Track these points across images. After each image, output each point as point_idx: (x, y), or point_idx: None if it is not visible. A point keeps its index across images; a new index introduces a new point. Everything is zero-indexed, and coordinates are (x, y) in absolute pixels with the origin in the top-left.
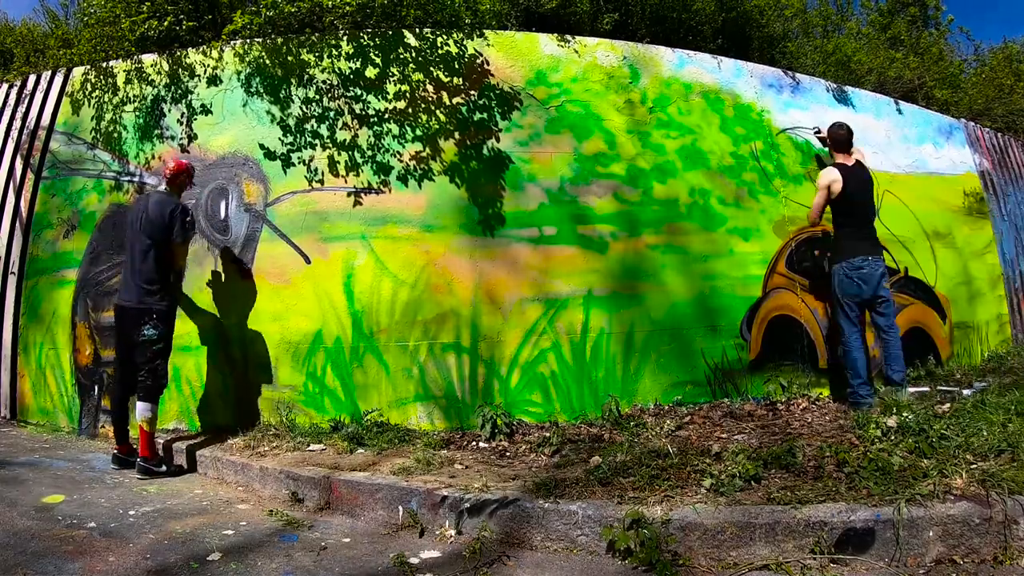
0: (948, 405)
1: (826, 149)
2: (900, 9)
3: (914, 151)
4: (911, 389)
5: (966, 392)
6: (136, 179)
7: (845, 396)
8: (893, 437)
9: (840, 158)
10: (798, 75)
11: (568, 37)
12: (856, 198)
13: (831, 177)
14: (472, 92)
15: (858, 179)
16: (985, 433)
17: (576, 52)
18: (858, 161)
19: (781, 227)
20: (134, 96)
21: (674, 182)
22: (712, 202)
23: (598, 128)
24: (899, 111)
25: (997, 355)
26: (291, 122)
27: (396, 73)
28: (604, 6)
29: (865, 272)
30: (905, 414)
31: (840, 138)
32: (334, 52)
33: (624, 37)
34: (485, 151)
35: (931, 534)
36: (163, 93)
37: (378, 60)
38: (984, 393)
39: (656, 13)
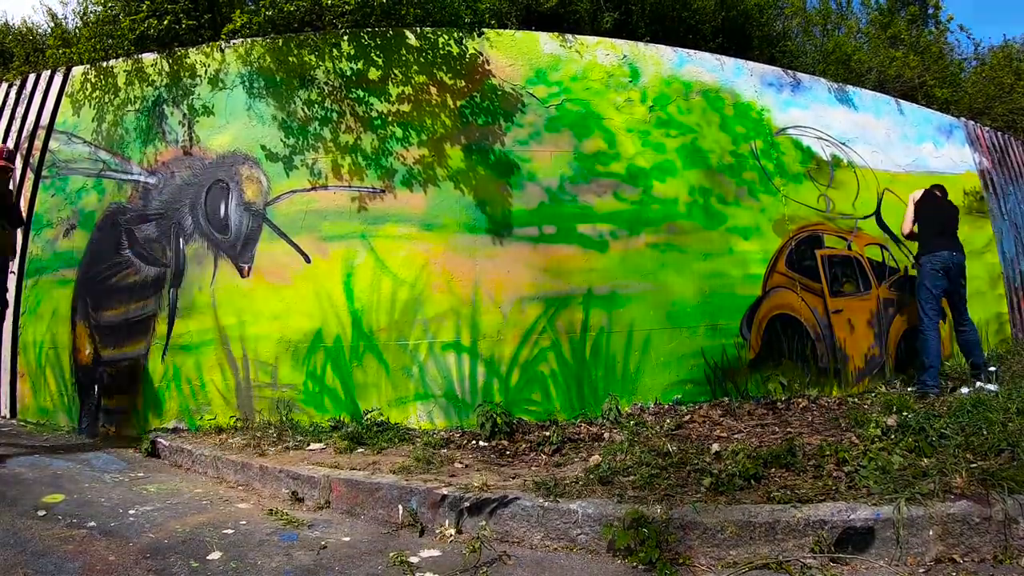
0: (947, 406)
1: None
2: (900, 8)
3: (914, 150)
4: (909, 388)
5: (964, 391)
6: (136, 178)
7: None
8: (893, 436)
9: None
10: (798, 74)
11: (568, 36)
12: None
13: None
14: (473, 91)
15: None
16: (985, 432)
17: (576, 51)
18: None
19: (781, 226)
20: (134, 96)
21: (674, 181)
22: (712, 201)
23: (598, 127)
24: (899, 110)
25: (997, 354)
26: (290, 121)
27: (397, 73)
28: (604, 5)
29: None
30: (905, 413)
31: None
32: (335, 52)
33: (624, 36)
34: (485, 150)
35: (931, 533)
36: (163, 93)
37: (379, 60)
38: (983, 391)
39: (656, 12)
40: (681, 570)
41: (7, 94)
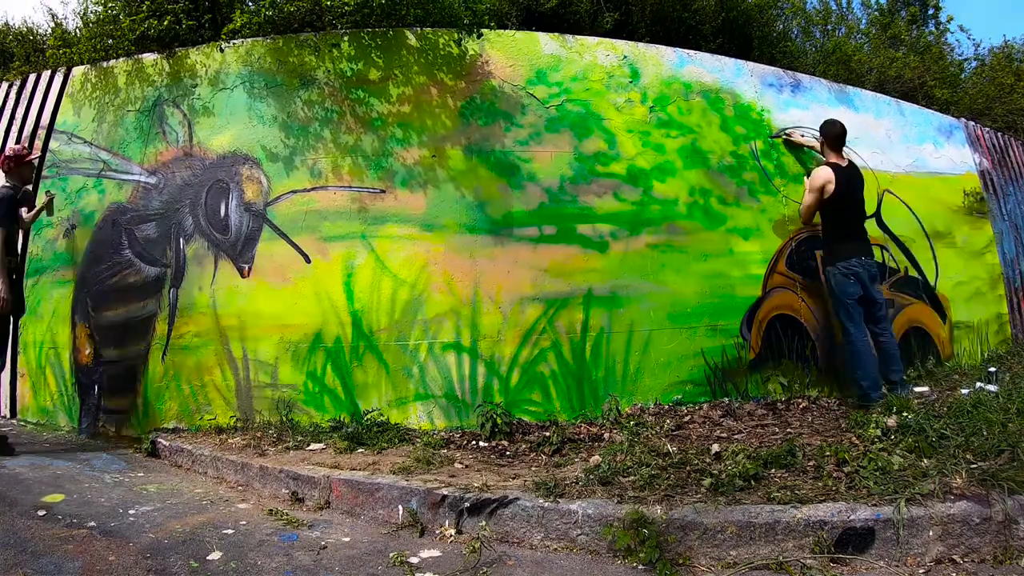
0: (947, 406)
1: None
2: (900, 8)
3: (914, 151)
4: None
5: (964, 391)
6: (136, 178)
7: (848, 397)
8: (893, 437)
9: (833, 157)
10: (798, 74)
11: (568, 36)
12: (849, 199)
13: (825, 177)
14: (473, 92)
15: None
16: (985, 433)
17: (576, 52)
18: (851, 161)
19: (781, 226)
20: (134, 96)
21: (674, 181)
22: (712, 201)
23: (598, 127)
24: (900, 111)
25: (997, 355)
26: (291, 121)
27: (398, 74)
28: (604, 5)
29: (860, 272)
30: (905, 414)
31: (836, 133)
32: (335, 52)
33: (625, 36)
34: (485, 151)
35: (931, 534)
36: (163, 93)
37: (379, 60)
38: (983, 392)
39: (656, 12)
40: (681, 570)
41: (7, 94)
